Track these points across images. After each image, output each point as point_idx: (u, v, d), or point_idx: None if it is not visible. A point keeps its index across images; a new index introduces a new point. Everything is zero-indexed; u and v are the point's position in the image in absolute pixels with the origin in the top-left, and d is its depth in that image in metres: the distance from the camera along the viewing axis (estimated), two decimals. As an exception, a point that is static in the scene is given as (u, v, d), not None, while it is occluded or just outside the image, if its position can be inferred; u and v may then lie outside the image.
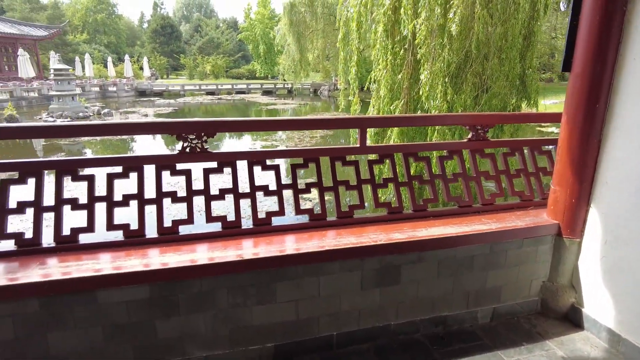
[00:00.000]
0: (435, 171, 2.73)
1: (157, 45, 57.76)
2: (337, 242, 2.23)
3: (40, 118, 19.86)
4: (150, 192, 2.39)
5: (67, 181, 2.31)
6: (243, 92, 38.80)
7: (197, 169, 2.50)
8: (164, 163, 2.43)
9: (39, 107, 24.01)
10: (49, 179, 2.27)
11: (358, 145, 2.63)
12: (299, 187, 2.53)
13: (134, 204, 2.35)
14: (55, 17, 46.58)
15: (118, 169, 2.39)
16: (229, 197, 2.47)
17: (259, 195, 2.49)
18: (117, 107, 27.55)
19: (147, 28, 66.00)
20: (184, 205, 2.40)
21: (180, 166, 2.46)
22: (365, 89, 7.74)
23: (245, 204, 2.45)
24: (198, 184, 2.44)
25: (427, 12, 5.77)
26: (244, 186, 2.46)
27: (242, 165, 2.54)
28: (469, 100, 6.51)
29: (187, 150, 2.43)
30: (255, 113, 25.90)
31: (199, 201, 2.43)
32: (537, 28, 6.70)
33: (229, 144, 15.05)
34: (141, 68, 41.07)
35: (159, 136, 14.74)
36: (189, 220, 2.38)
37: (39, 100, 25.81)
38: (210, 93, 37.24)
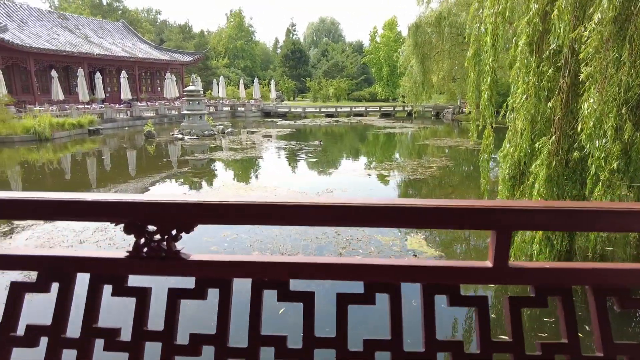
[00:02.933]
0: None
1: (286, 69, 61.30)
2: None
3: (172, 134, 21.70)
4: (75, 324, 1.33)
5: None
6: (361, 115, 38.35)
7: (161, 285, 1.38)
8: (103, 272, 1.35)
9: (175, 124, 26.51)
10: None
11: (490, 265, 1.25)
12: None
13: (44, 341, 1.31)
14: (200, 44, 52.52)
15: (32, 275, 1.39)
16: (208, 351, 1.28)
17: (267, 352, 1.26)
18: (244, 126, 29.20)
19: (279, 53, 70.79)
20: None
21: (133, 279, 1.36)
22: (500, 116, 6.05)
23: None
24: (158, 312, 1.32)
25: (602, 13, 3.96)
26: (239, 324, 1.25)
27: (242, 287, 1.35)
28: (658, 141, 4.43)
29: (144, 251, 1.31)
30: (371, 136, 24.94)
31: (154, 349, 1.30)
32: None
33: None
34: (269, 90, 43.59)
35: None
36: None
37: (176, 118, 28.62)
38: (330, 115, 37.55)
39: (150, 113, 29.16)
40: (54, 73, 26.23)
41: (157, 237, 1.31)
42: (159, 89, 37.10)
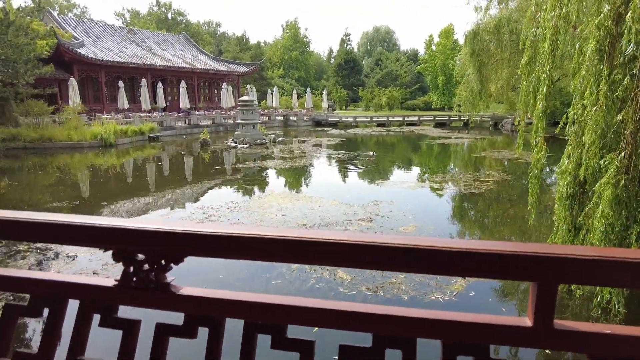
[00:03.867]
0: None
1: (339, 79, 61.56)
2: None
3: (226, 142, 22.37)
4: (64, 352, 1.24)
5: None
6: (414, 124, 37.52)
7: (154, 317, 1.26)
8: (92, 299, 1.25)
9: (230, 132, 27.35)
10: None
11: (529, 324, 1.02)
12: None
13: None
14: (256, 55, 54.10)
15: (23, 299, 1.32)
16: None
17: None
18: (295, 135, 29.55)
19: (332, 63, 71.35)
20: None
21: (124, 310, 1.26)
22: (559, 128, 5.55)
23: None
24: (146, 344, 1.20)
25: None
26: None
27: (235, 326, 1.19)
28: None
29: (134, 281, 1.20)
30: (424, 146, 24.25)
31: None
32: None
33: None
34: (321, 100, 43.93)
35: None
36: None
37: (231, 127, 29.51)
38: (381, 125, 37.08)
39: (207, 122, 30.35)
40: (120, 83, 28.13)
41: (146, 266, 1.20)
42: (216, 98, 38.57)
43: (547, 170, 13.73)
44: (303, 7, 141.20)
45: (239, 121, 23.24)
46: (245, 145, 21.42)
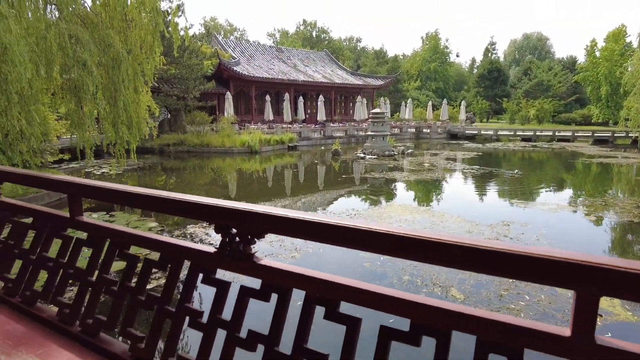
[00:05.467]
0: None
1: (481, 89, 58.09)
2: None
3: (356, 153, 23.08)
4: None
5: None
6: (566, 140, 33.23)
7: (238, 282, 1.53)
8: (199, 262, 1.60)
9: (361, 144, 28.08)
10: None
11: (567, 334, 1.01)
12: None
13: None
14: (393, 68, 54.43)
15: (154, 256, 1.74)
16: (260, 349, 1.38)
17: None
18: (427, 148, 28.90)
19: (475, 73, 67.70)
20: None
21: (222, 274, 1.57)
22: None
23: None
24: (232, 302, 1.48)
25: None
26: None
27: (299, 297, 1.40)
28: None
29: (227, 250, 1.51)
30: (579, 166, 21.37)
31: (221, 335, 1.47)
32: None
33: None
34: (459, 112, 42.06)
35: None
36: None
37: (363, 139, 30.23)
38: (527, 139, 33.80)
39: (340, 133, 31.71)
40: (267, 97, 31.30)
41: (237, 239, 1.49)
42: (351, 111, 39.98)
43: None
44: (446, 17, 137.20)
45: (369, 133, 23.76)
46: (373, 157, 21.79)
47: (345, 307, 1.29)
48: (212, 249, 1.56)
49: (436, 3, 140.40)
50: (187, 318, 1.53)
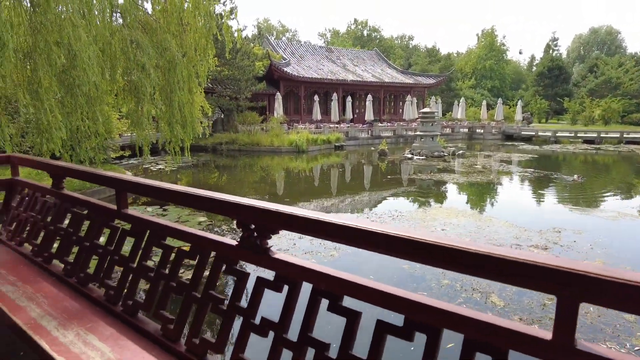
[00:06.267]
0: None
1: (540, 88, 55.11)
2: None
3: (403, 153, 22.79)
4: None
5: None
6: (637, 142, 30.73)
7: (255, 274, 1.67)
8: (223, 254, 1.76)
9: (409, 144, 27.66)
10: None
11: (548, 337, 1.04)
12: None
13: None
14: (445, 67, 52.95)
15: (183, 245, 1.92)
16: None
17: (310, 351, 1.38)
18: (480, 149, 27.93)
19: (534, 71, 64.34)
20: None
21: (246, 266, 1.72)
22: None
23: None
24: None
25: None
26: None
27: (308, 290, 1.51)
28: None
29: (246, 245, 1.66)
30: (647, 170, 19.78)
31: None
32: None
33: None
34: (515, 111, 40.20)
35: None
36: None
37: (411, 139, 29.74)
38: (589, 141, 31.68)
39: (388, 133, 31.41)
40: (316, 97, 31.64)
41: (255, 234, 1.63)
42: (400, 110, 39.44)
43: None
44: (505, 12, 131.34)
45: (417, 133, 23.37)
46: (421, 157, 21.41)
47: (347, 302, 1.38)
48: (234, 242, 1.71)
49: (486, 4, 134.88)
50: (210, 304, 1.69)
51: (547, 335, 1.02)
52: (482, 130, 35.47)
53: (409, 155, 21.83)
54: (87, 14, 8.52)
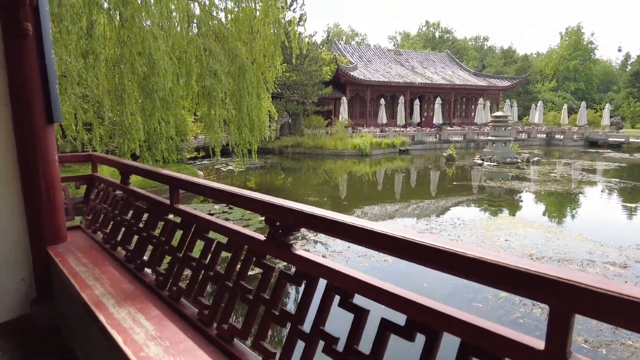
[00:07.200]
0: None
1: (634, 90, 49.85)
2: None
3: (473, 159, 21.84)
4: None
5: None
6: None
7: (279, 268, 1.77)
8: (253, 248, 1.89)
9: (480, 149, 26.44)
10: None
11: (541, 347, 1.04)
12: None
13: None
14: (522, 68, 49.77)
15: (221, 239, 2.08)
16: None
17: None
18: (559, 156, 25.94)
19: (627, 71, 58.31)
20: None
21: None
22: None
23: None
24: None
25: None
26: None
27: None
28: None
29: (272, 240, 1.78)
30: None
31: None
32: None
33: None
34: (601, 116, 36.76)
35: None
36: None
37: (483, 144, 28.40)
38: (693, 149, 28.08)
39: (458, 137, 30.27)
40: (382, 101, 31.41)
41: (280, 231, 1.74)
42: (472, 114, 37.86)
43: None
44: (594, 8, 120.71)
45: (489, 138, 22.29)
46: (492, 164, 20.39)
47: (356, 300, 1.44)
48: (263, 238, 1.84)
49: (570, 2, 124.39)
50: (240, 293, 1.83)
51: (540, 345, 1.01)
52: (561, 136, 32.88)
53: (479, 161, 20.89)
54: (165, 25, 9.29)
